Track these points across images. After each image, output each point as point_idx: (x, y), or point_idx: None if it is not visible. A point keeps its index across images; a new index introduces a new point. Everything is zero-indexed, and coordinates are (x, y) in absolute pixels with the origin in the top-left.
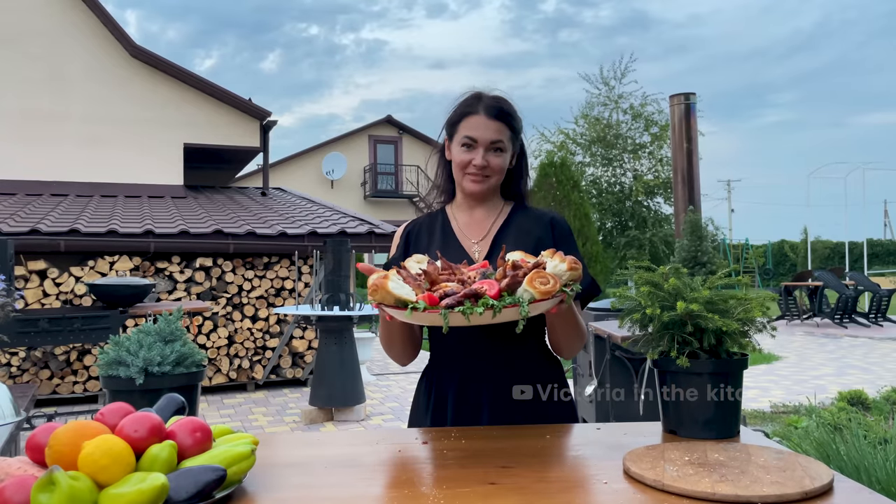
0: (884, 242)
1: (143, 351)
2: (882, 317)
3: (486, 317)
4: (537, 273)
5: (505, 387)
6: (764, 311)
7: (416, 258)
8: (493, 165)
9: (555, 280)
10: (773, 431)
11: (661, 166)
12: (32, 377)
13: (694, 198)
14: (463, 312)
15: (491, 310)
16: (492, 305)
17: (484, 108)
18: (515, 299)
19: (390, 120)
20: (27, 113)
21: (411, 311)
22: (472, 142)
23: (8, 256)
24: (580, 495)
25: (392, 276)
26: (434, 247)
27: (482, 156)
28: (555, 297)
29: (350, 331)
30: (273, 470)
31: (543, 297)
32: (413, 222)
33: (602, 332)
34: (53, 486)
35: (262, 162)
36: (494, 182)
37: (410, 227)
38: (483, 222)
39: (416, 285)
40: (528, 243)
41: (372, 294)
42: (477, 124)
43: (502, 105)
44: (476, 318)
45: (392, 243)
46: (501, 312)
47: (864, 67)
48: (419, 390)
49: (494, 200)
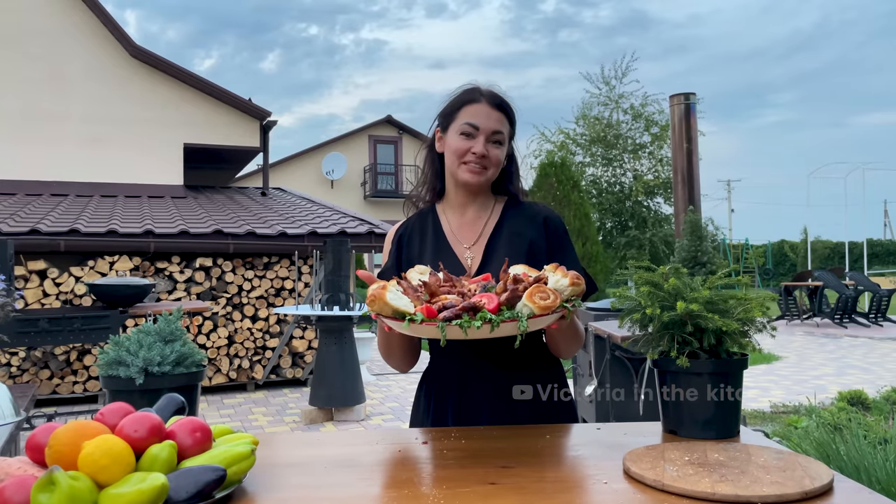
0: (884, 242)
1: (143, 351)
2: (882, 317)
3: (484, 331)
4: (537, 288)
5: (505, 387)
6: (764, 311)
7: (419, 269)
8: (492, 156)
9: (555, 295)
10: (773, 431)
11: (661, 166)
12: (32, 377)
13: (694, 198)
14: (460, 326)
15: (489, 324)
16: (490, 320)
17: (486, 98)
18: (514, 314)
19: (390, 120)
20: (27, 113)
21: (409, 323)
22: (474, 129)
23: (8, 256)
24: (580, 495)
25: (391, 286)
26: (426, 252)
27: (483, 144)
28: (555, 312)
29: (350, 331)
30: (273, 470)
31: (543, 313)
32: (404, 225)
33: (602, 332)
34: (53, 486)
35: (262, 162)
36: (491, 175)
37: (402, 231)
38: (475, 224)
39: (415, 297)
40: (521, 246)
41: (370, 304)
42: (479, 112)
43: (503, 97)
44: (473, 332)
45: (384, 248)
46: (499, 327)
47: (864, 67)
48: (419, 392)
49: (486, 199)
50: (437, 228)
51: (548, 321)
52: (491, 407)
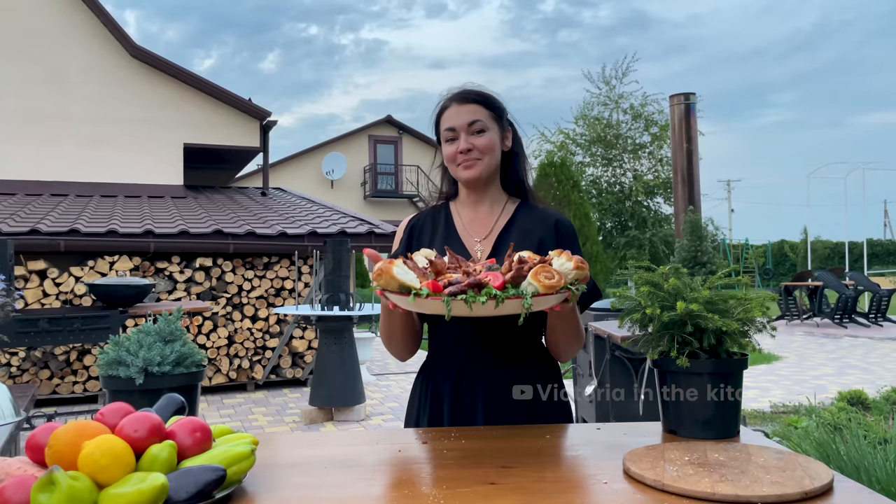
0: (884, 242)
1: (143, 351)
2: (882, 317)
3: (489, 307)
4: (542, 267)
5: (501, 386)
6: (764, 311)
7: (424, 252)
8: (478, 145)
9: (560, 276)
10: (773, 431)
11: (661, 166)
12: (32, 377)
13: (694, 198)
14: (465, 300)
15: (494, 300)
16: (494, 295)
17: (455, 98)
18: (519, 291)
19: (390, 120)
20: (27, 113)
21: (414, 298)
22: (452, 131)
23: (8, 256)
24: (580, 495)
25: (398, 262)
26: (437, 243)
27: (464, 139)
28: (559, 293)
29: (350, 331)
30: (273, 470)
31: (547, 292)
32: (416, 216)
33: (602, 332)
34: (53, 486)
35: (262, 162)
36: (486, 164)
37: (414, 222)
38: (486, 220)
39: (421, 274)
40: (531, 244)
41: (376, 279)
42: (451, 114)
43: (471, 90)
44: (479, 308)
45: (395, 238)
46: (504, 304)
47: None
48: (415, 387)
49: (496, 195)
50: (449, 222)
51: (552, 301)
52: (486, 405)
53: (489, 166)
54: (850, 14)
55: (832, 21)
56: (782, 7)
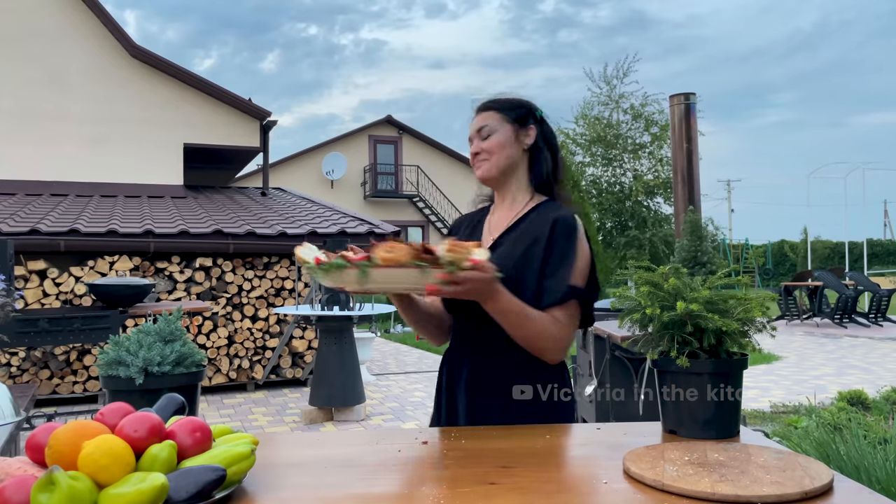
0: (884, 242)
1: (142, 351)
2: (882, 317)
3: (351, 279)
4: (387, 245)
5: (499, 382)
6: (764, 311)
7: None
8: (485, 147)
9: (402, 252)
10: (773, 431)
11: (661, 166)
12: (32, 377)
13: (694, 198)
14: (325, 269)
15: (339, 269)
16: (339, 265)
17: (475, 110)
18: (361, 265)
19: (390, 120)
20: (27, 113)
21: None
22: (470, 141)
23: (8, 256)
24: (580, 495)
25: (306, 244)
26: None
27: (475, 145)
28: (422, 271)
29: (350, 331)
30: (273, 470)
31: (385, 264)
32: (462, 216)
33: (602, 332)
34: (53, 486)
35: (262, 162)
36: (493, 163)
37: (459, 220)
38: (505, 218)
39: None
40: (522, 243)
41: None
42: (472, 125)
43: (485, 99)
44: (336, 277)
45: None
46: (344, 272)
47: (864, 67)
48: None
49: (517, 194)
50: (482, 220)
51: (407, 278)
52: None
53: (496, 165)
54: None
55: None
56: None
